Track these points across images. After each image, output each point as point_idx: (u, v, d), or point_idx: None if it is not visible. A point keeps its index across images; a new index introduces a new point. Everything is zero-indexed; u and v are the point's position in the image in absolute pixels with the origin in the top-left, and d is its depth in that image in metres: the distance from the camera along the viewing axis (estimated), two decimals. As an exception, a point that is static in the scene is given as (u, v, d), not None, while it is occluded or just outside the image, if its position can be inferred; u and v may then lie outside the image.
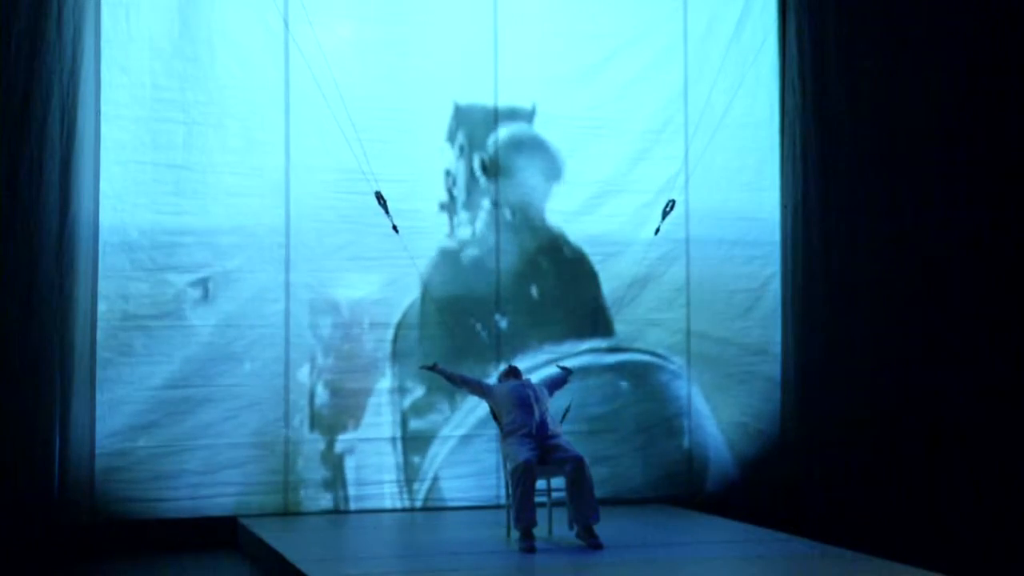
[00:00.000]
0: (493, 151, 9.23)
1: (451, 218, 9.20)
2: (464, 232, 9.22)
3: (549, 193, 9.42)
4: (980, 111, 10.06)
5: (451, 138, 9.20)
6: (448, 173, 9.18)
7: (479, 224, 9.23)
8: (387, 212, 8.32)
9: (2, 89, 8.01)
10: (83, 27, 8.26)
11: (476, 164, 9.22)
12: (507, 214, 9.26)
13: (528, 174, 9.35)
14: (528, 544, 7.19)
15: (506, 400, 7.65)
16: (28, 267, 8.06)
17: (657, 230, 9.10)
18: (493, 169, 9.20)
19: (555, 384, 8.07)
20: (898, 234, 9.88)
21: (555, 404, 7.95)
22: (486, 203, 9.25)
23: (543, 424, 7.50)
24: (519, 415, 7.51)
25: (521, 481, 7.24)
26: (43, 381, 8.06)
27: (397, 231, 8.43)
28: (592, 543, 7.26)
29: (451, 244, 9.18)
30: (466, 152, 9.21)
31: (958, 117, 10.03)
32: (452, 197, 9.18)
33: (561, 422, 7.92)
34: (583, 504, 7.30)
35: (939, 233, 9.96)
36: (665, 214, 8.99)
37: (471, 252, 9.23)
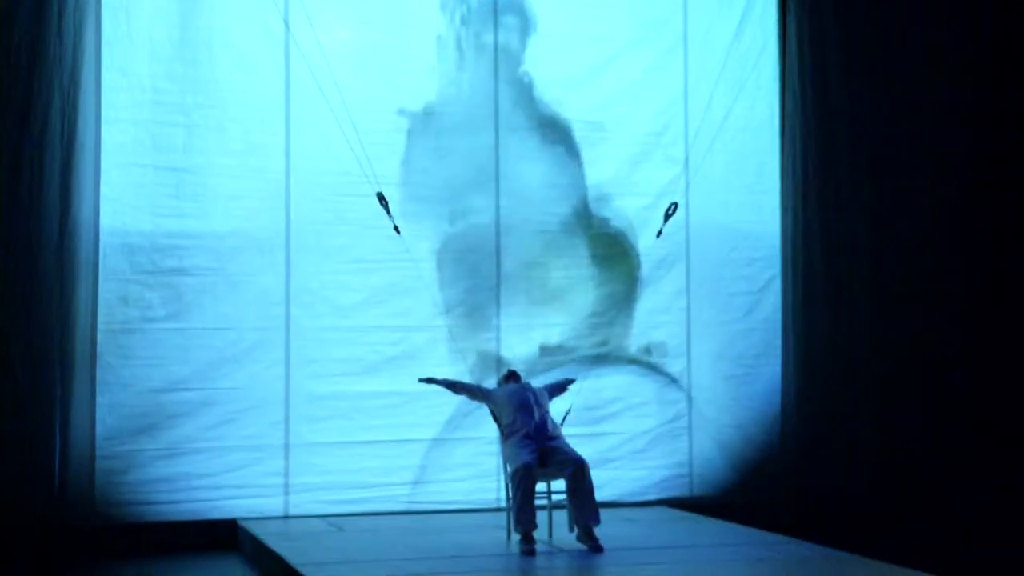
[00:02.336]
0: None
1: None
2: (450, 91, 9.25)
3: (525, 46, 9.40)
4: (981, 114, 10.11)
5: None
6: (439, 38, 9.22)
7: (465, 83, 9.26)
8: (388, 213, 8.33)
9: (3, 92, 8.03)
10: (83, 30, 8.27)
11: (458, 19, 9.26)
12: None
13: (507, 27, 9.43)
14: (528, 547, 7.20)
15: (506, 403, 7.68)
16: (29, 269, 8.09)
17: (659, 233, 9.11)
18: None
19: (555, 389, 8.10)
20: (898, 237, 9.92)
21: (555, 408, 7.95)
22: (471, 55, 9.26)
23: (543, 426, 7.52)
24: (519, 417, 7.53)
25: (521, 484, 7.25)
26: (44, 384, 8.07)
27: (399, 231, 8.45)
28: (592, 545, 7.27)
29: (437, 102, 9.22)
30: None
31: (959, 120, 10.08)
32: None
33: (561, 424, 7.94)
34: (583, 507, 7.32)
35: (941, 235, 10.00)
36: (667, 217, 9.00)
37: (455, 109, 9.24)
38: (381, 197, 8.35)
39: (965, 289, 10.02)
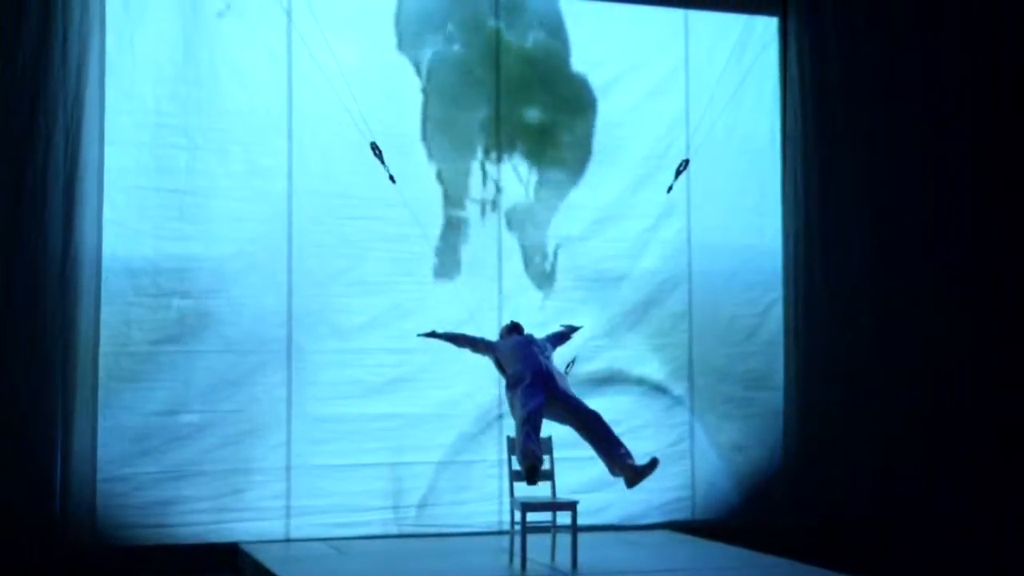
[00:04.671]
0: None
1: None
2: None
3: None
4: (982, 135, 10.13)
5: None
6: None
7: None
8: (383, 163, 8.43)
9: (7, 115, 8.08)
10: (87, 53, 8.31)
11: None
12: None
13: None
14: (532, 479, 7.20)
15: (510, 353, 7.68)
16: (31, 292, 8.10)
17: (670, 188, 9.26)
18: None
19: (558, 338, 8.10)
20: (901, 260, 9.94)
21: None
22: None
23: (549, 374, 7.50)
24: (524, 366, 7.50)
25: (529, 420, 7.23)
26: (46, 406, 8.09)
27: (394, 181, 8.52)
28: (643, 469, 7.24)
29: None
30: None
31: (961, 141, 10.11)
32: None
33: (566, 373, 7.94)
34: (613, 451, 7.30)
35: (944, 257, 10.02)
36: (678, 173, 9.16)
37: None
38: (375, 147, 8.43)
39: (969, 312, 10.02)
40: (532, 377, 7.42)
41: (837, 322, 9.81)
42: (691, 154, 9.70)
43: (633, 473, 7.24)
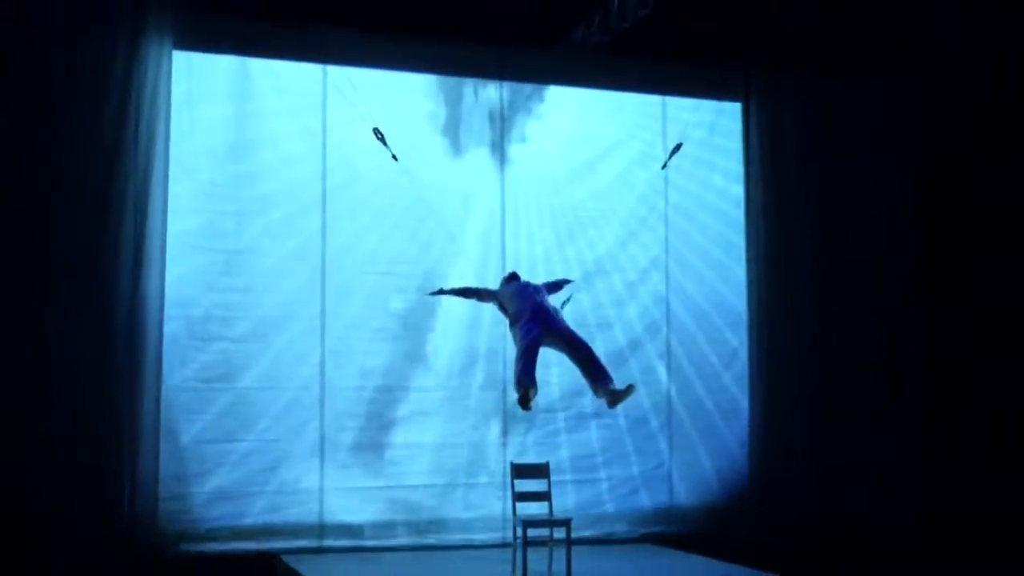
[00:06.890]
0: None
1: None
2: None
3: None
4: (922, 198, 10.98)
5: None
6: None
7: None
8: (385, 144, 9.03)
9: (89, 187, 8.82)
10: (155, 137, 9.06)
11: None
12: None
13: None
14: (526, 405, 7.71)
15: (511, 296, 8.32)
16: (105, 339, 8.85)
17: (664, 165, 10.16)
18: None
19: (552, 287, 8.68)
20: (848, 304, 10.81)
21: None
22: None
23: (547, 310, 8.07)
24: (524, 304, 8.11)
25: (528, 350, 7.78)
26: (117, 436, 8.77)
27: (396, 159, 9.21)
28: (623, 392, 7.74)
29: None
30: None
31: (900, 202, 10.96)
32: None
33: (562, 309, 8.51)
34: (598, 376, 7.85)
35: (884, 300, 10.85)
36: (672, 153, 10.09)
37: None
38: (377, 131, 9.09)
39: (906, 346, 10.84)
40: (531, 313, 7.98)
41: (795, 358, 10.60)
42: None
43: (612, 396, 7.74)
